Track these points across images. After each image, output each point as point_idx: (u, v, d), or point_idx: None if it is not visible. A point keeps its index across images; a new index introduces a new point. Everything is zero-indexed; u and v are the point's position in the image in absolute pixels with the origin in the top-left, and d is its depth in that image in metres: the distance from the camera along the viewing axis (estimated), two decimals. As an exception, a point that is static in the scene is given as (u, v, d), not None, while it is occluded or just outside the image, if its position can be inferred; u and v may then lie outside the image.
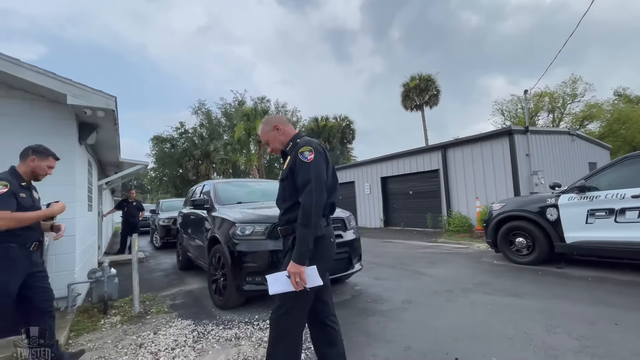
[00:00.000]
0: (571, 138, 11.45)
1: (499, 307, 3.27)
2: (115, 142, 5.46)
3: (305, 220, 1.56)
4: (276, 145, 1.89)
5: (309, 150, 1.66)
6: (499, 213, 5.48)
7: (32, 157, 2.38)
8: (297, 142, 1.77)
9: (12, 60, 3.17)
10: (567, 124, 25.85)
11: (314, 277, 1.57)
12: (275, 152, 1.92)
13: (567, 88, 25.63)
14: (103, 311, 3.68)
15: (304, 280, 1.54)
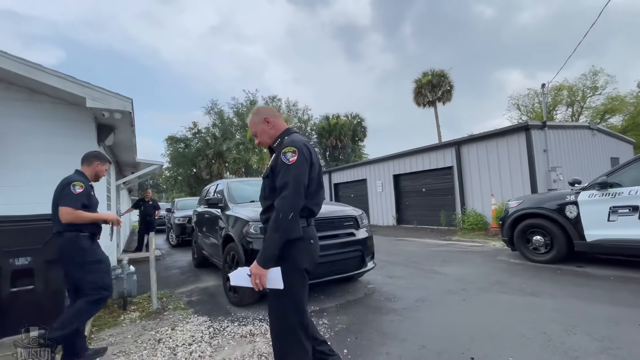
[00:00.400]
0: (592, 132, 11.07)
1: (516, 306, 3.21)
2: (131, 143, 5.60)
3: (274, 224, 1.52)
4: (264, 138, 1.81)
5: (293, 151, 1.59)
6: (515, 210, 5.35)
7: (96, 163, 2.79)
8: (282, 141, 1.74)
9: (34, 66, 3.29)
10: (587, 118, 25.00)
11: (276, 280, 1.55)
12: (263, 145, 1.85)
13: (587, 81, 24.76)
14: (123, 307, 3.80)
15: (263, 282, 1.53)
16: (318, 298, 3.83)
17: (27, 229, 2.97)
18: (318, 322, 3.07)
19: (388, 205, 13.39)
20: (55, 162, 3.73)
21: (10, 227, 2.91)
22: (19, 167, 3.60)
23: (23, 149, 3.62)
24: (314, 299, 3.80)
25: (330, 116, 30.10)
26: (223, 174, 26.67)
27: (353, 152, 30.94)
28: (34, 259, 2.97)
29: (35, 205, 3.46)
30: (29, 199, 3.55)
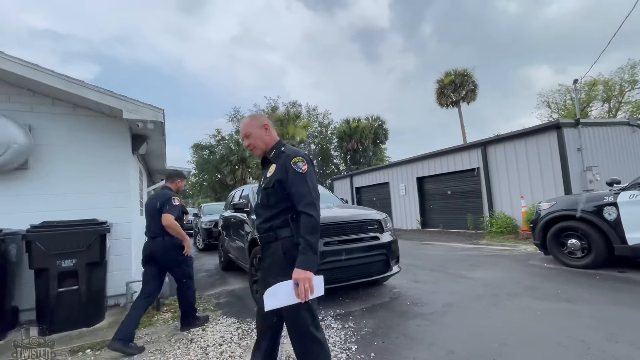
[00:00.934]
0: (632, 129, 10.39)
1: (550, 312, 3.07)
2: (162, 151, 5.89)
3: (312, 229, 1.56)
4: (258, 143, 1.80)
5: (302, 161, 1.66)
6: (547, 213, 5.13)
7: (178, 180, 3.47)
8: (283, 151, 1.75)
9: (78, 82, 3.57)
10: (625, 113, 23.43)
11: (320, 285, 1.52)
12: (254, 150, 1.82)
13: (624, 74, 23.21)
14: (156, 308, 3.98)
15: (312, 287, 1.47)
16: (343, 301, 3.84)
17: (71, 234, 3.21)
18: (344, 325, 3.09)
19: (412, 208, 13.17)
20: (94, 171, 4.01)
21: (57, 232, 3.16)
22: (62, 176, 3.88)
23: (65, 158, 3.90)
24: (338, 303, 3.81)
25: (351, 119, 30.04)
26: (246, 179, 27.25)
27: (374, 155, 30.67)
28: (78, 261, 3.20)
29: (77, 211, 3.75)
30: (71, 206, 3.82)
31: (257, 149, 1.82)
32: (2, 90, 3.65)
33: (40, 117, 3.80)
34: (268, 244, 1.73)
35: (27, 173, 3.67)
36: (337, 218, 3.79)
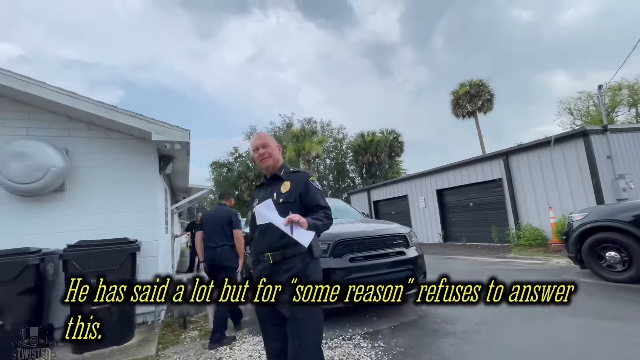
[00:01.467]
0: (664, 134, 9.89)
1: (593, 330, 2.88)
2: (186, 170, 6.07)
3: (325, 226, 1.71)
4: (274, 154, 1.91)
5: (316, 179, 1.88)
6: (581, 224, 4.89)
7: (231, 199, 4.13)
8: (296, 171, 1.90)
9: (111, 108, 3.77)
10: (655, 118, 22.41)
11: (307, 236, 1.53)
12: (266, 159, 1.88)
13: (650, 77, 22.35)
14: (183, 326, 4.01)
15: (301, 224, 1.51)
16: (370, 319, 3.75)
17: (104, 252, 3.31)
18: (373, 344, 3.00)
19: (432, 221, 12.88)
20: (125, 190, 4.16)
21: (91, 251, 3.27)
22: (95, 197, 4.04)
23: (98, 180, 4.08)
24: (365, 321, 3.72)
25: (366, 133, 30.12)
26: (263, 195, 27.54)
27: (390, 168, 30.44)
28: (110, 279, 3.28)
29: (109, 230, 3.87)
30: (103, 225, 3.96)
31: (270, 159, 1.90)
32: (44, 117, 3.90)
33: (76, 141, 4.02)
34: (285, 260, 1.72)
35: (64, 195, 3.86)
36: (362, 233, 3.75)
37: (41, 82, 3.58)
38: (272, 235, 1.73)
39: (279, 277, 1.72)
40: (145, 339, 3.48)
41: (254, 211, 1.91)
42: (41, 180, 3.50)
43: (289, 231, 1.54)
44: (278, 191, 1.82)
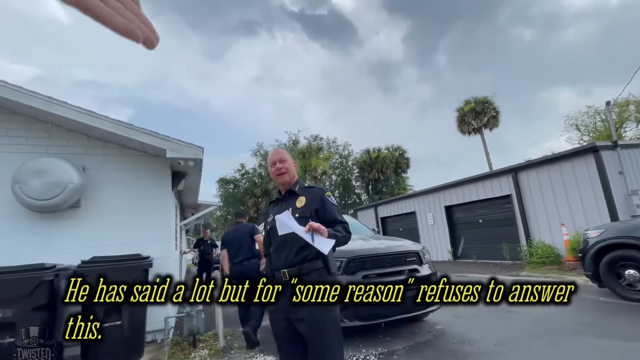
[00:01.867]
0: (675, 149, 9.78)
1: (618, 352, 2.77)
2: (197, 187, 6.14)
3: (344, 239, 1.72)
4: (291, 170, 1.92)
5: (331, 195, 1.88)
6: (597, 241, 4.78)
7: (247, 217, 4.75)
8: (311, 186, 1.92)
9: (128, 126, 3.87)
10: (663, 133, 22.20)
11: (327, 244, 1.53)
12: (283, 175, 1.89)
13: (657, 93, 22.31)
14: (192, 344, 3.93)
15: (318, 231, 1.52)
16: (383, 340, 3.65)
17: (117, 268, 3.31)
18: (389, 365, 2.91)
19: (442, 238, 12.68)
20: (138, 207, 4.21)
21: (104, 267, 3.27)
22: (108, 213, 4.09)
23: (113, 196, 4.14)
24: (379, 341, 3.62)
25: (371, 149, 30.25)
26: (269, 211, 27.54)
27: (397, 184, 30.33)
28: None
29: (122, 246, 3.89)
30: (117, 241, 3.99)
31: (288, 175, 1.91)
32: (63, 135, 4.02)
33: (92, 159, 4.11)
34: (301, 275, 1.69)
35: (79, 211, 3.91)
36: (374, 250, 3.71)
37: (62, 102, 3.71)
38: (289, 250, 1.72)
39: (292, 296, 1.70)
40: (155, 358, 3.43)
41: (269, 226, 1.92)
42: (59, 196, 3.57)
43: (310, 238, 1.53)
44: (293, 206, 1.81)
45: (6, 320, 2.81)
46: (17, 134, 3.87)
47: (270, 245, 1.90)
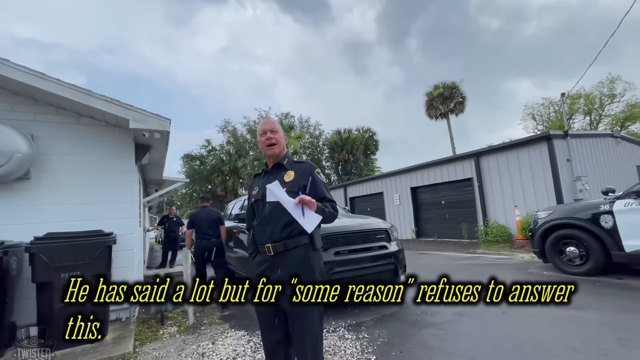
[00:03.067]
0: (616, 141, 10.84)
1: (560, 319, 3.12)
2: (162, 161, 5.81)
3: (332, 217, 1.74)
4: (281, 142, 1.87)
5: (320, 172, 1.86)
6: (545, 221, 5.25)
7: (210, 201, 5.62)
8: (300, 161, 1.87)
9: (85, 92, 3.52)
10: (606, 126, 24.45)
11: (314, 220, 1.56)
12: (274, 146, 1.83)
13: (604, 88, 24.36)
14: (160, 322, 3.86)
15: (307, 205, 1.53)
16: (352, 312, 3.81)
17: (77, 245, 3.11)
18: (357, 336, 3.06)
19: (406, 218, 13.27)
20: (98, 181, 3.92)
21: (61, 244, 3.06)
22: (64, 186, 3.77)
23: (68, 168, 3.80)
24: (347, 313, 3.78)
25: (342, 130, 30.37)
26: (237, 190, 27.01)
27: (365, 165, 30.94)
28: (83, 274, 3.09)
29: (81, 222, 3.64)
30: (74, 217, 3.71)
31: (278, 147, 1.85)
32: (5, 99, 3.57)
33: (43, 127, 3.71)
34: (286, 251, 1.68)
35: (29, 183, 3.56)
36: (346, 228, 3.80)
37: (5, 60, 3.27)
38: (275, 225, 1.69)
39: (280, 270, 1.68)
40: (120, 336, 3.32)
41: (253, 199, 1.86)
42: (4, 166, 3.21)
43: (299, 212, 1.50)
44: (281, 180, 1.75)
45: (-53, 300, 2.55)
46: (-51, 94, 3.38)
47: (254, 219, 1.85)
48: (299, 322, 1.63)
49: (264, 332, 1.80)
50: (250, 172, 27.25)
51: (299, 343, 1.63)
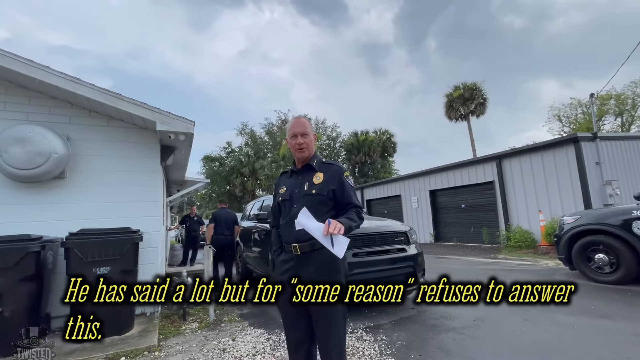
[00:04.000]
0: (649, 143, 10.26)
1: (588, 329, 3.01)
2: (185, 162, 6.01)
3: (358, 220, 1.71)
4: (310, 145, 1.83)
5: (349, 176, 1.84)
6: (572, 227, 5.06)
7: (227, 203, 6.90)
8: (330, 163, 1.85)
9: (115, 95, 3.70)
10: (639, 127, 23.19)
11: (343, 245, 1.51)
12: (304, 149, 1.80)
13: (637, 88, 23.14)
14: (182, 317, 3.99)
15: (337, 232, 1.46)
16: (370, 314, 3.80)
17: (107, 241, 3.27)
18: (376, 338, 3.06)
19: (425, 221, 13.06)
20: (126, 180, 4.11)
21: (94, 239, 3.23)
22: (96, 185, 3.97)
23: (99, 168, 4.01)
24: (365, 315, 3.78)
25: (359, 132, 30.25)
26: (256, 190, 27.40)
27: (383, 168, 30.69)
28: (112, 268, 3.25)
29: (110, 219, 3.82)
30: (104, 214, 3.90)
31: (308, 150, 1.82)
32: (44, 102, 3.81)
33: (77, 129, 3.94)
34: (313, 251, 1.69)
35: (64, 182, 3.78)
36: (365, 229, 3.79)
37: (44, 66, 3.49)
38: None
39: (305, 270, 1.70)
40: (146, 330, 3.46)
41: (280, 197, 1.88)
42: (42, 166, 3.43)
43: (329, 243, 1.48)
44: (310, 181, 1.75)
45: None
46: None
47: (280, 217, 1.87)
48: (324, 322, 1.64)
49: (287, 330, 1.82)
50: (268, 173, 27.63)
51: (324, 343, 1.65)
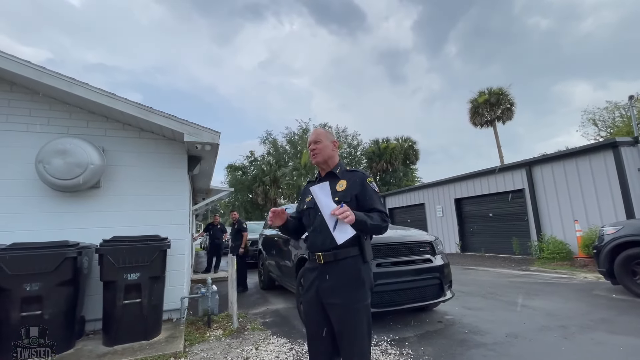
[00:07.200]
0: (698, 147, 9.47)
1: (632, 349, 2.76)
2: (211, 172, 6.19)
3: (380, 229, 1.66)
4: (323, 152, 1.84)
5: (373, 181, 1.80)
6: (614, 238, 4.71)
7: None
8: (354, 170, 1.83)
9: (147, 108, 3.90)
10: (686, 131, 21.47)
11: (348, 232, 1.50)
12: (316, 156, 1.84)
13: (681, 89, 21.50)
14: (207, 324, 4.05)
15: (346, 218, 1.44)
16: (394, 327, 3.70)
17: (138, 248, 3.40)
18: (401, 352, 2.96)
19: (450, 231, 12.65)
20: (156, 189, 4.28)
21: (125, 246, 3.37)
22: (127, 194, 4.17)
23: (131, 178, 4.21)
24: (389, 328, 3.68)
25: (380, 140, 30.00)
26: (277, 199, 27.70)
27: (405, 175, 30.14)
28: (142, 274, 3.37)
29: (140, 227, 3.98)
30: (135, 222, 4.07)
31: (320, 156, 1.84)
32: (83, 117, 4.07)
33: (112, 141, 4.17)
34: (336, 261, 1.66)
35: (99, 191, 3.99)
36: (389, 239, 3.72)
37: (84, 83, 3.74)
38: (326, 234, 1.65)
39: (329, 280, 1.66)
40: (172, 336, 3.54)
41: (306, 206, 1.87)
42: (80, 176, 3.64)
43: (332, 224, 1.49)
44: (334, 189, 1.74)
45: (34, 293, 2.93)
46: (40, 114, 3.93)
47: (309, 225, 1.86)
48: (348, 335, 1.60)
49: (310, 340, 1.79)
50: (289, 182, 27.89)
51: (348, 356, 1.61)
